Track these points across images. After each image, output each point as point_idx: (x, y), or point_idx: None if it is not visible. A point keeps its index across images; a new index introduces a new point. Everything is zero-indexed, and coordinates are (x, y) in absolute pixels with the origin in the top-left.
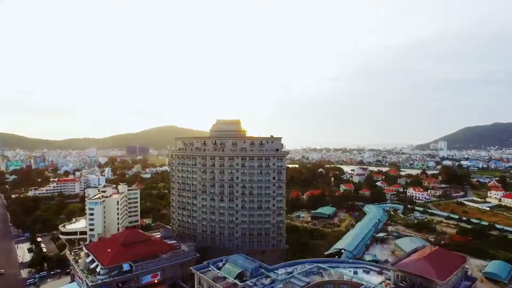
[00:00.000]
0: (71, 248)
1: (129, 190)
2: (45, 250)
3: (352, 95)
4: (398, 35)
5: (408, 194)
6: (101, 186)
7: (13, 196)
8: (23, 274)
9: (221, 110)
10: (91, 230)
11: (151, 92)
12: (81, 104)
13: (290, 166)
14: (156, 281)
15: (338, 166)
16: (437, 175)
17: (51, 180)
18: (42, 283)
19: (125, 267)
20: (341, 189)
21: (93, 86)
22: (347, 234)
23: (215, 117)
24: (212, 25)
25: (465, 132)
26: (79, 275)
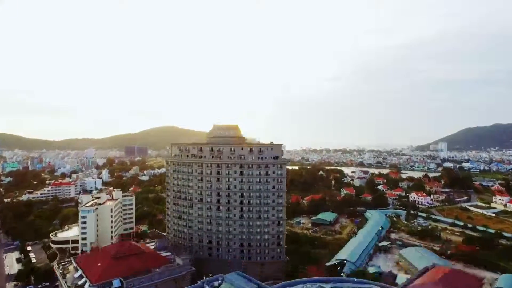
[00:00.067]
0: (59, 261)
1: (123, 196)
2: (34, 260)
3: (352, 95)
4: (398, 35)
5: (411, 198)
6: (95, 192)
7: (6, 200)
8: None
9: (221, 110)
10: (83, 239)
11: (151, 92)
12: (81, 104)
13: (290, 167)
14: None
15: (338, 168)
16: (439, 177)
17: (47, 183)
18: None
19: (115, 283)
20: (342, 193)
21: (93, 86)
22: (349, 243)
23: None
24: (212, 25)
25: (465, 133)
26: None
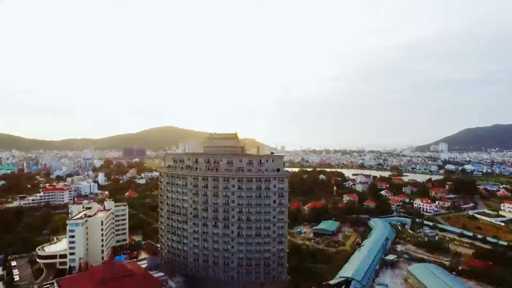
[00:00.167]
0: (41, 284)
1: (116, 206)
2: (17, 278)
3: (352, 95)
4: (398, 35)
5: (415, 205)
6: (86, 202)
7: None
8: None
9: (221, 110)
10: (72, 254)
11: (152, 92)
12: (81, 104)
13: (290, 169)
14: None
15: (339, 171)
16: (442, 181)
17: (41, 186)
18: None
19: None
20: (344, 199)
21: (93, 86)
22: (353, 257)
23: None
24: (212, 24)
25: (465, 134)
26: None
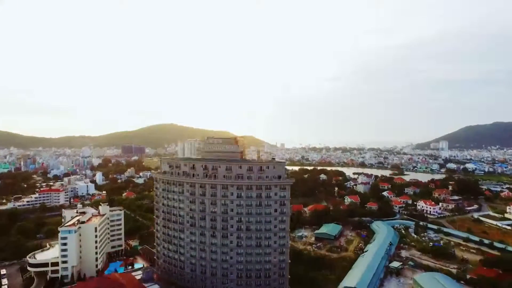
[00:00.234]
0: None
1: (111, 210)
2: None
3: (352, 95)
4: (398, 35)
5: (419, 207)
6: (80, 205)
7: None
8: None
9: (221, 108)
10: (64, 262)
11: (151, 90)
12: (81, 102)
13: (290, 168)
14: None
15: (339, 169)
16: (444, 181)
17: (37, 186)
18: None
19: None
20: (346, 201)
21: (92, 84)
22: (357, 263)
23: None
24: (212, 24)
25: (465, 131)
26: None
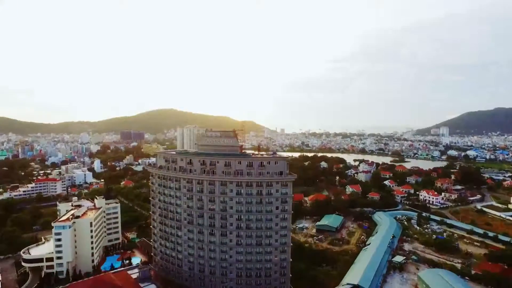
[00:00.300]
0: None
1: (107, 203)
2: None
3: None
4: (400, 18)
5: (421, 197)
6: (75, 198)
7: None
8: None
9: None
10: (59, 258)
11: (152, 77)
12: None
13: (290, 154)
14: None
15: (340, 156)
16: (446, 168)
17: (34, 174)
18: None
19: None
20: (347, 190)
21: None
22: (359, 258)
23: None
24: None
25: (466, 117)
26: None
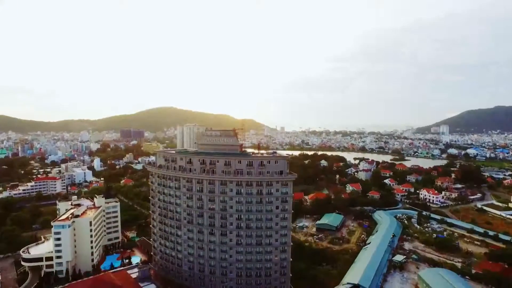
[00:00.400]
0: None
1: (107, 202)
2: None
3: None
4: (401, 18)
5: (421, 196)
6: (75, 197)
7: None
8: None
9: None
10: (58, 257)
11: (152, 75)
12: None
13: (290, 153)
14: None
15: (340, 154)
16: (446, 167)
17: (34, 173)
18: None
19: None
20: (347, 189)
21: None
22: (359, 257)
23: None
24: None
25: (466, 115)
26: None
